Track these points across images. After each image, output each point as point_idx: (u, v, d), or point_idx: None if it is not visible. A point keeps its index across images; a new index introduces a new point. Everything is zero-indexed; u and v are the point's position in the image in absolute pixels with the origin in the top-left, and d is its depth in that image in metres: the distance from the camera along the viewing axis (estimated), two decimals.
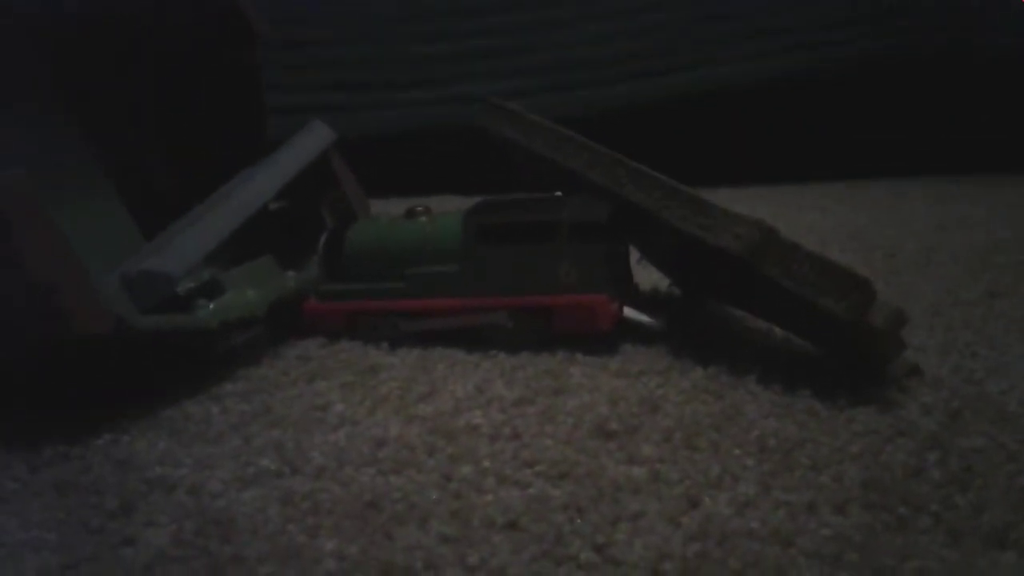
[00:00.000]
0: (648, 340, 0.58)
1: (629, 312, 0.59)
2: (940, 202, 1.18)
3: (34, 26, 0.71)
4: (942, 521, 0.36)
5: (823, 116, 1.50)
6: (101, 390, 0.54)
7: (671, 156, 0.89)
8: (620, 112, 1.49)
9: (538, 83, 1.53)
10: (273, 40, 0.83)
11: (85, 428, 0.48)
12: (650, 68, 1.53)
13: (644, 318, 0.59)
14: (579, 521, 0.36)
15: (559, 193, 0.63)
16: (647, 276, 0.73)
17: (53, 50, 0.71)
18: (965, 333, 0.59)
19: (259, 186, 0.70)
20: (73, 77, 0.73)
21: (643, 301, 0.63)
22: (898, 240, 0.92)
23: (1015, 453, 0.40)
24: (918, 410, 0.46)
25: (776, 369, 0.51)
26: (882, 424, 0.44)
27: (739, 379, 0.51)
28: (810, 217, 1.11)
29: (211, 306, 0.59)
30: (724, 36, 1.52)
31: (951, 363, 0.53)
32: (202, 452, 0.45)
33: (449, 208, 0.66)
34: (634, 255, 0.66)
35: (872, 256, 0.85)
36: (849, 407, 0.46)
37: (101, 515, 0.39)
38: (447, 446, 0.44)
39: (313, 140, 0.76)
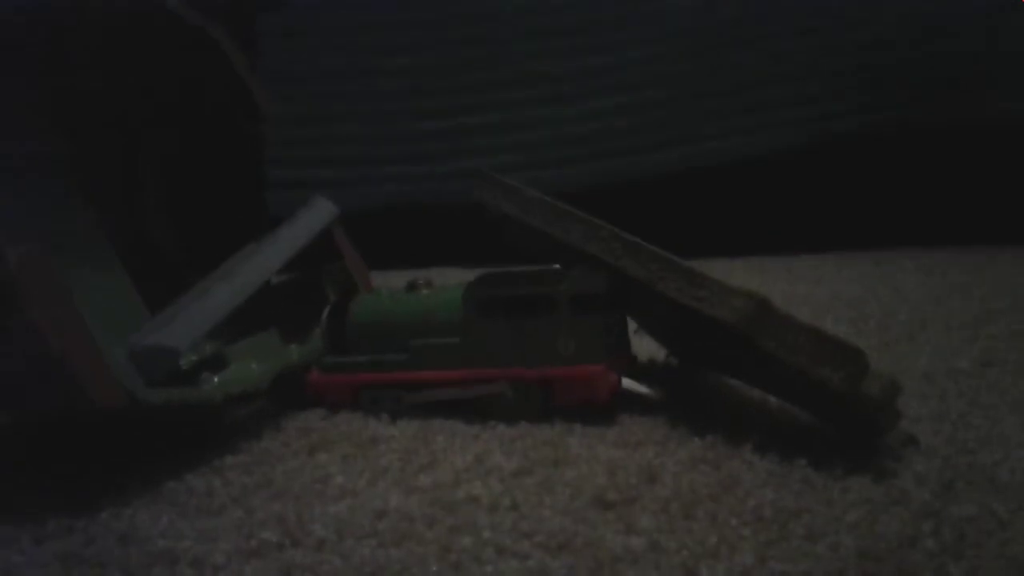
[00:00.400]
0: (646, 410, 0.59)
1: (627, 383, 0.60)
2: (932, 273, 1.19)
3: (39, 96, 0.73)
4: None
5: (815, 188, 1.52)
6: (103, 462, 0.55)
7: (666, 228, 0.90)
8: (616, 186, 1.52)
9: (535, 158, 1.57)
10: (277, 116, 0.85)
11: (88, 500, 0.48)
12: (646, 144, 1.56)
13: (642, 388, 0.60)
14: None
15: (557, 266, 0.64)
16: (644, 347, 0.74)
17: (58, 119, 0.74)
18: (959, 403, 0.60)
19: (264, 261, 0.71)
20: (78, 146, 0.75)
21: (641, 372, 0.64)
22: (891, 310, 0.93)
23: (1007, 522, 0.41)
24: (912, 479, 0.47)
25: (772, 438, 0.52)
26: (877, 493, 0.45)
27: (736, 449, 0.51)
28: (803, 288, 1.12)
29: (215, 379, 0.60)
30: (719, 112, 1.55)
31: (945, 433, 0.54)
32: (205, 524, 0.45)
33: (450, 280, 0.67)
34: (631, 326, 0.67)
35: (866, 326, 0.86)
36: (844, 476, 0.47)
37: None
38: (447, 517, 0.44)
39: (317, 215, 0.78)
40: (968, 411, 0.58)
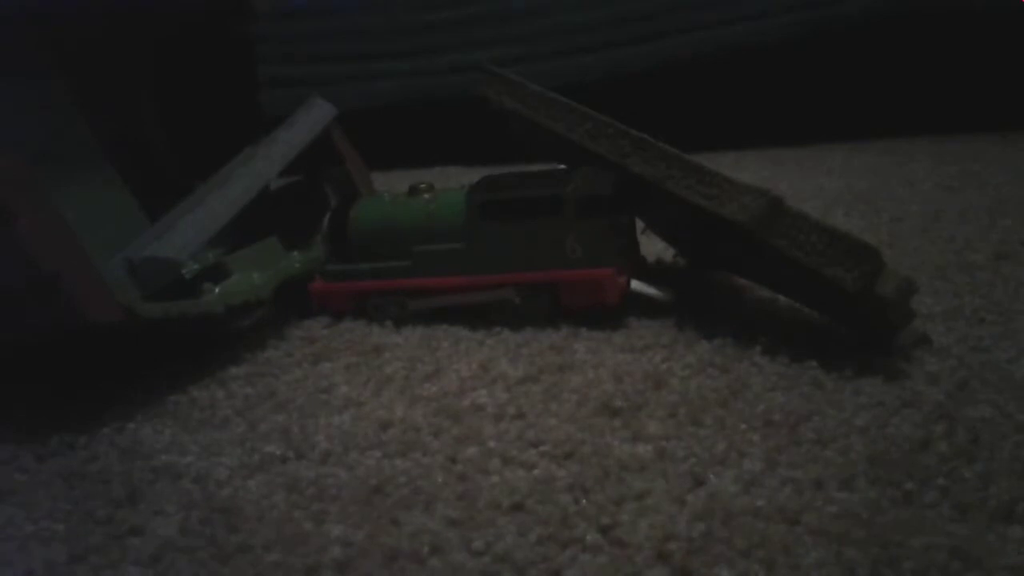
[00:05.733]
0: (653, 313, 0.58)
1: (636, 285, 0.59)
2: (944, 162, 1.17)
3: (33, 6, 0.70)
4: (949, 495, 0.35)
5: (824, 76, 1.48)
6: (105, 376, 0.54)
7: (673, 121, 0.88)
8: (621, 78, 1.48)
9: (538, 49, 1.52)
10: (270, 13, 0.82)
11: (90, 416, 0.48)
12: (651, 31, 1.51)
13: (651, 290, 0.59)
14: (584, 502, 0.36)
15: (563, 166, 0.63)
16: (652, 247, 0.73)
17: (51, 29, 0.71)
18: (972, 298, 0.59)
19: (261, 166, 0.70)
20: (71, 55, 0.72)
21: (649, 272, 0.63)
22: (903, 203, 0.91)
23: (1022, 423, 0.40)
24: (924, 380, 0.46)
25: (782, 340, 0.51)
26: (888, 395, 0.44)
27: (744, 351, 0.50)
28: (814, 181, 1.10)
29: (216, 290, 0.59)
30: None
31: (958, 331, 0.53)
32: (207, 439, 0.45)
33: (452, 182, 0.66)
34: (639, 226, 0.66)
35: (878, 220, 0.84)
36: (855, 378, 0.46)
37: (108, 505, 0.39)
38: (452, 427, 0.44)
39: (314, 117, 0.76)
40: (982, 307, 0.57)
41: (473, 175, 0.60)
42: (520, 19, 1.54)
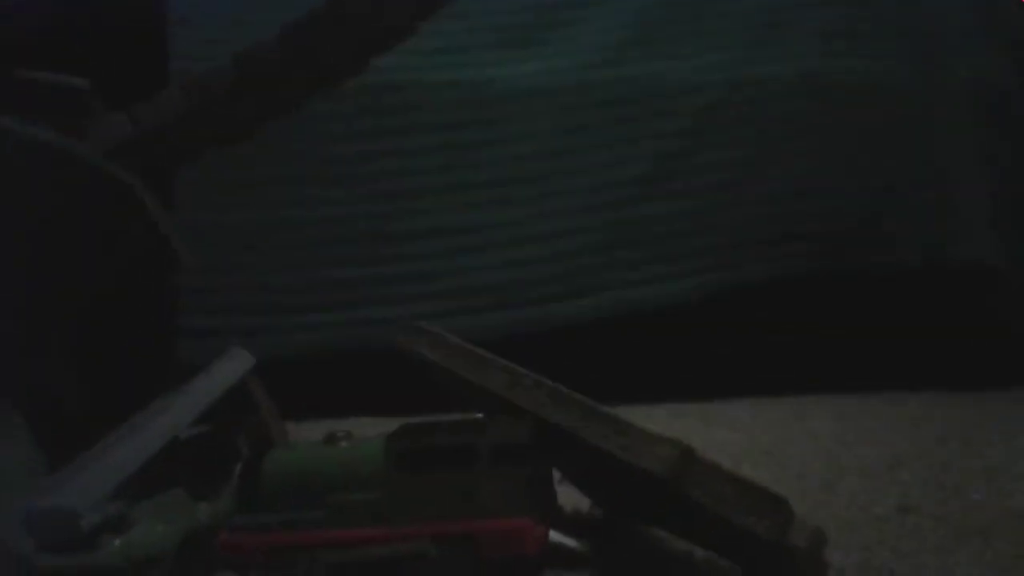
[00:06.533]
0: (572, 565, 0.57)
1: (554, 535, 0.58)
2: (843, 418, 1.22)
3: None
4: None
5: (727, 333, 1.56)
6: None
7: (583, 376, 0.91)
8: (535, 334, 1.53)
9: (454, 306, 1.57)
10: (192, 266, 0.84)
11: None
12: (562, 291, 1.59)
13: (569, 541, 0.59)
14: None
15: (480, 415, 0.64)
16: (569, 497, 0.73)
17: None
18: (881, 551, 0.60)
19: (173, 416, 0.69)
20: None
21: (567, 523, 0.63)
22: (807, 457, 0.94)
23: None
24: None
25: None
26: None
27: None
28: (720, 435, 1.13)
29: (117, 543, 0.56)
30: (634, 260, 1.60)
31: None
32: None
33: (369, 432, 0.66)
34: (555, 476, 0.66)
35: (783, 474, 0.87)
36: None
37: None
38: None
39: (232, 367, 0.76)
40: (892, 559, 0.58)
41: (388, 425, 0.61)
42: (434, 279, 1.61)
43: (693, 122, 1.63)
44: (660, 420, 1.27)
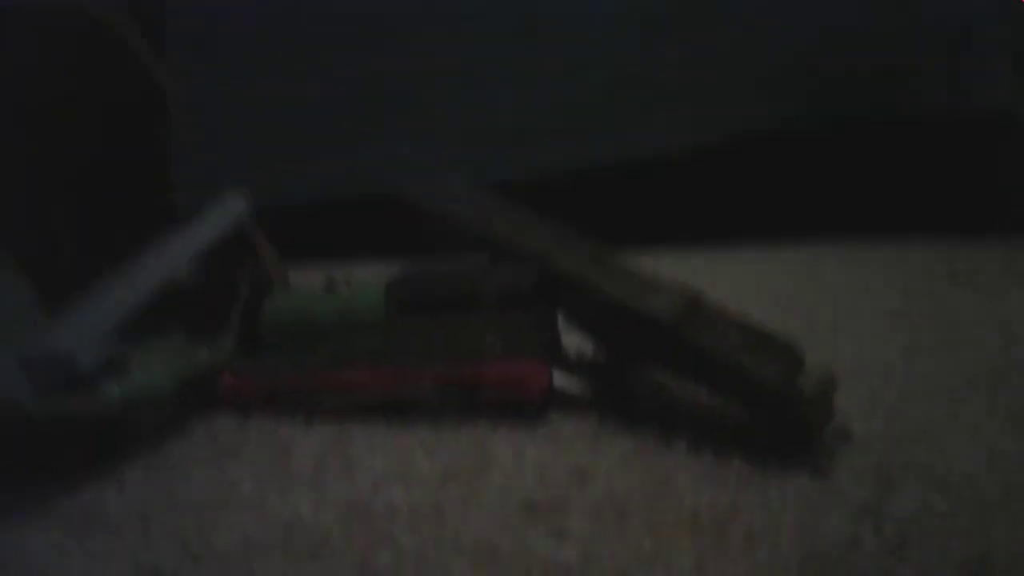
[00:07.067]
0: (576, 408, 0.57)
1: (558, 380, 0.58)
2: (853, 263, 1.20)
3: None
4: None
5: (737, 181, 1.53)
6: None
7: (592, 221, 0.88)
8: (544, 178, 1.50)
9: (461, 148, 1.54)
10: (185, 109, 0.81)
11: None
12: (572, 135, 1.55)
13: (573, 385, 0.58)
14: None
15: (483, 259, 0.62)
16: (573, 341, 0.72)
17: None
18: (888, 393, 0.59)
19: (168, 257, 0.67)
20: None
21: (570, 367, 0.62)
22: (816, 302, 0.93)
23: (948, 518, 0.40)
24: (848, 476, 0.45)
25: (706, 436, 0.50)
26: (814, 492, 0.43)
27: (668, 448, 0.49)
28: (730, 281, 1.12)
29: (116, 387, 0.55)
30: (646, 104, 1.55)
31: (878, 426, 0.53)
32: (97, 545, 0.41)
33: (369, 275, 0.64)
34: (560, 320, 0.65)
35: (792, 319, 0.85)
36: (780, 475, 0.45)
37: None
38: (364, 528, 0.41)
39: (227, 211, 0.74)
40: (899, 402, 0.57)
41: (392, 269, 0.59)
42: (440, 119, 1.57)
43: None
44: (667, 267, 1.25)
